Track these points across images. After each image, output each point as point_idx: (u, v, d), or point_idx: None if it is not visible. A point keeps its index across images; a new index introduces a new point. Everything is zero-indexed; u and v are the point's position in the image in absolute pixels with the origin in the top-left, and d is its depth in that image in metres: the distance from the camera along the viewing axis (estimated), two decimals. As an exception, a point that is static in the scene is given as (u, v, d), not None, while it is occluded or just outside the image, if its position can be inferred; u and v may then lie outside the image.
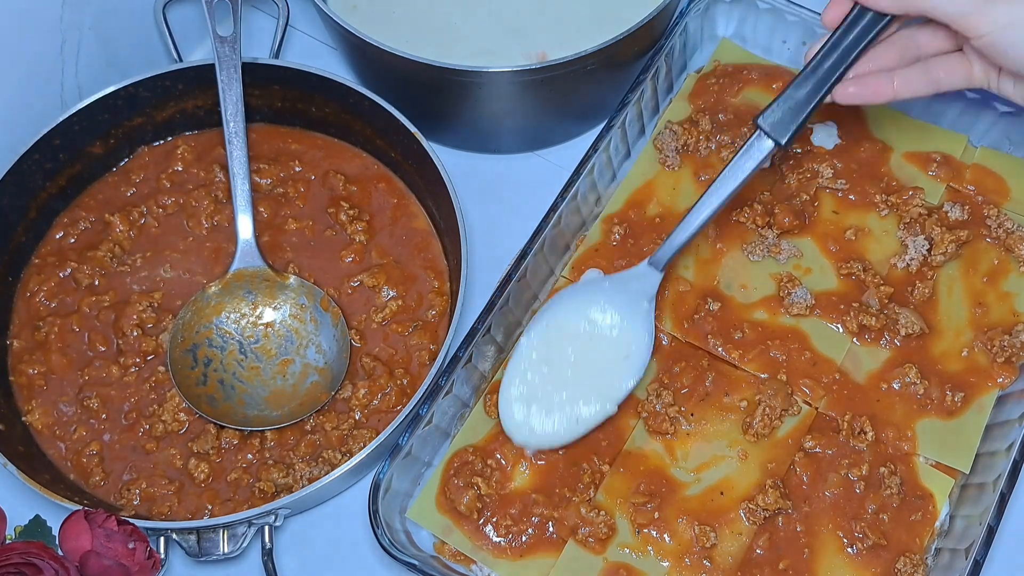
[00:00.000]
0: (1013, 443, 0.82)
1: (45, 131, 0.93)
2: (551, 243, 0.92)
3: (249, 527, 0.82)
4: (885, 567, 0.81)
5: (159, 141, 1.02)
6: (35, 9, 0.92)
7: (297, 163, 1.01)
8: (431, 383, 0.84)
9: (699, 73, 1.02)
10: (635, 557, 0.82)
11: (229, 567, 0.87)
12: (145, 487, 0.87)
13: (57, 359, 0.92)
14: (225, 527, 0.81)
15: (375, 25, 0.98)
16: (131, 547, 0.74)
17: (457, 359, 0.85)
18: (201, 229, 0.98)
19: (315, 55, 1.10)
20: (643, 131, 1.00)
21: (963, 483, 0.84)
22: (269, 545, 0.82)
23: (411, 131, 0.94)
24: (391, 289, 0.95)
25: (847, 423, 0.85)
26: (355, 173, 1.01)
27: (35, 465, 0.86)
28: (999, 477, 0.81)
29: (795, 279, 0.91)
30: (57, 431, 0.89)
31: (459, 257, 0.89)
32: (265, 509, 0.81)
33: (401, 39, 0.96)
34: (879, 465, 0.84)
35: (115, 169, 1.01)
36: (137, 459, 0.89)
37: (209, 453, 0.88)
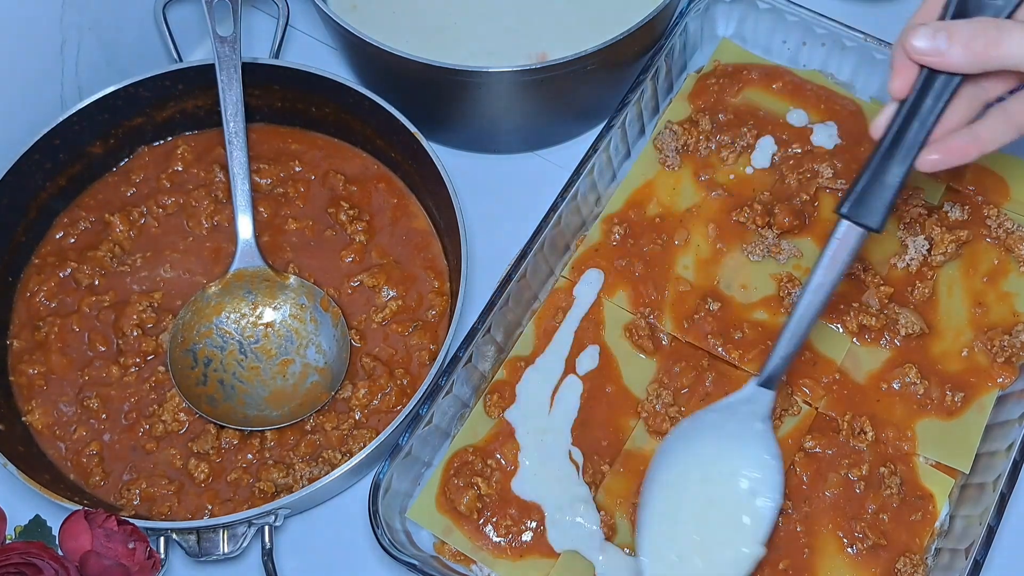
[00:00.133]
0: (1013, 443, 0.82)
1: (45, 131, 0.93)
2: (551, 243, 0.92)
3: (249, 527, 0.82)
4: (885, 567, 0.81)
5: (159, 141, 1.02)
6: (35, 9, 0.92)
7: (297, 163, 1.01)
8: (431, 383, 0.84)
9: (699, 73, 1.02)
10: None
11: (229, 567, 0.87)
12: (145, 487, 0.87)
13: (57, 359, 0.92)
14: (225, 527, 0.81)
15: (375, 25, 0.98)
16: (131, 547, 0.74)
17: (457, 359, 0.85)
18: (201, 229, 0.98)
19: (315, 55, 1.10)
20: (643, 131, 1.00)
21: (963, 483, 0.84)
22: (269, 545, 0.82)
23: (411, 131, 0.94)
24: (391, 289, 0.95)
25: (847, 423, 0.85)
26: (355, 173, 1.01)
27: (35, 465, 0.86)
28: (999, 477, 0.81)
29: (795, 279, 0.91)
30: (57, 431, 0.89)
31: (459, 257, 0.89)
32: (265, 509, 0.81)
33: (401, 39, 0.96)
34: (879, 465, 0.84)
35: (115, 169, 1.01)
36: (137, 459, 0.89)
37: (209, 453, 0.88)
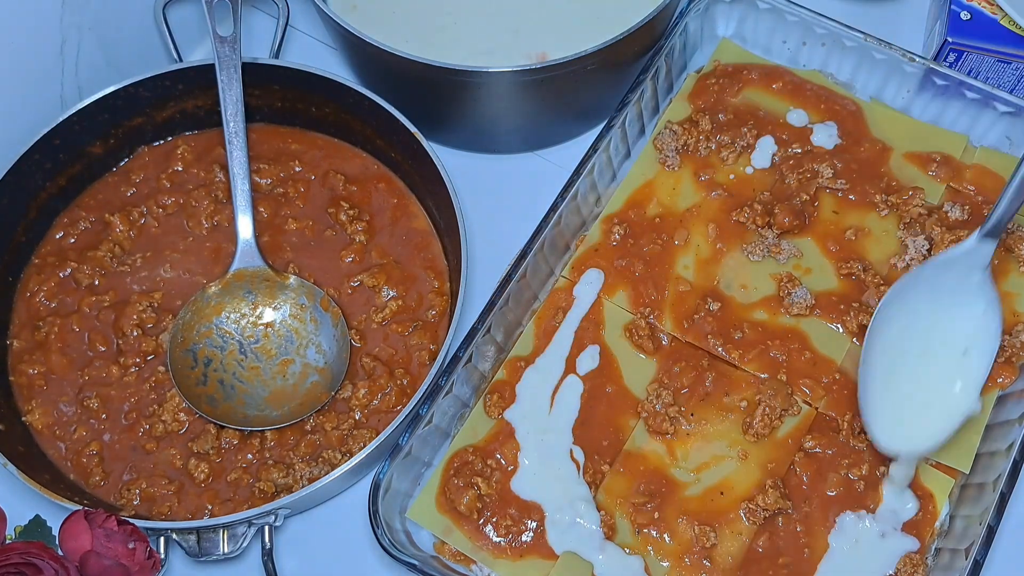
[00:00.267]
0: (1013, 443, 0.82)
1: (45, 131, 0.93)
2: (551, 243, 0.92)
3: (249, 527, 0.82)
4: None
5: (159, 141, 1.02)
6: (35, 9, 0.92)
7: (297, 163, 1.01)
8: (431, 383, 0.84)
9: (699, 73, 1.02)
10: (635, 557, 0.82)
11: (229, 567, 0.87)
12: (145, 487, 0.87)
13: (57, 359, 0.92)
14: (225, 527, 0.81)
15: (375, 25, 0.98)
16: (131, 547, 0.74)
17: (457, 359, 0.85)
18: (201, 229, 0.98)
19: (315, 55, 1.10)
20: (643, 131, 1.00)
21: (963, 483, 0.85)
22: (269, 545, 0.82)
23: (411, 131, 0.94)
24: (391, 289, 0.95)
25: (847, 423, 0.85)
26: (355, 173, 1.01)
27: (35, 465, 0.86)
28: (999, 477, 0.81)
29: (795, 279, 0.91)
30: (57, 431, 0.89)
31: (459, 257, 0.89)
32: (265, 509, 0.81)
33: (401, 39, 0.96)
34: (879, 465, 0.84)
35: (115, 169, 1.01)
36: (137, 459, 0.89)
37: (209, 453, 0.88)
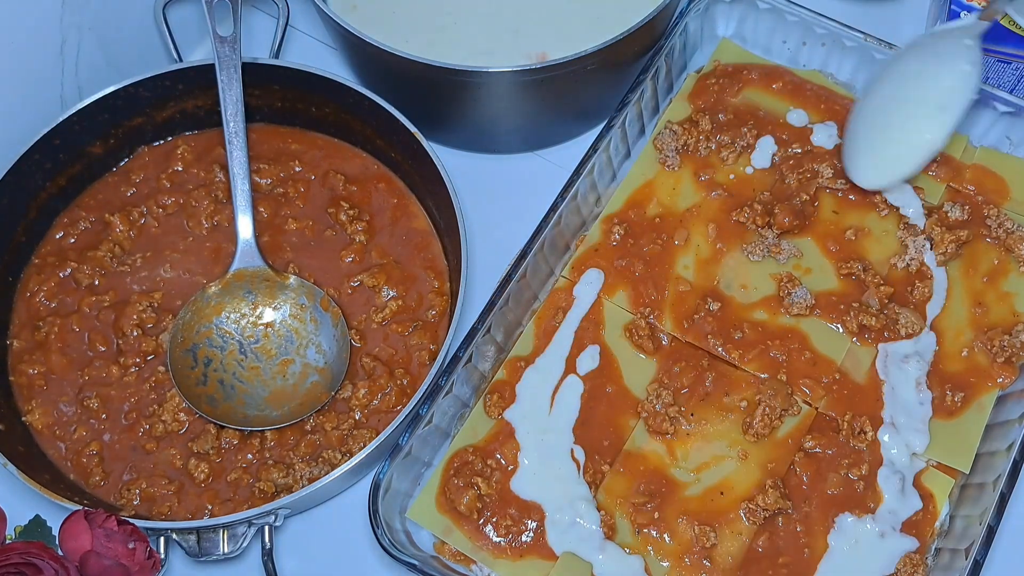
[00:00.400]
0: (1013, 443, 0.82)
1: (45, 131, 0.93)
2: (551, 243, 0.92)
3: (249, 527, 0.82)
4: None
5: (159, 141, 1.02)
6: (35, 9, 0.92)
7: (297, 163, 1.01)
8: (431, 383, 0.84)
9: (699, 73, 1.02)
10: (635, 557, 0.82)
11: (229, 567, 0.87)
12: (145, 487, 0.87)
13: (57, 359, 0.92)
14: (225, 527, 0.81)
15: (375, 25, 0.98)
16: (131, 547, 0.74)
17: (457, 359, 0.85)
18: (201, 229, 0.98)
19: (315, 55, 1.10)
20: (643, 131, 1.00)
21: (963, 483, 0.85)
22: (269, 545, 0.82)
23: (411, 131, 0.94)
24: (391, 289, 0.95)
25: (847, 423, 0.85)
26: (355, 173, 1.01)
27: (35, 465, 0.86)
28: (999, 477, 0.81)
29: (795, 279, 0.91)
30: (57, 431, 0.89)
31: (459, 257, 0.89)
32: (265, 509, 0.81)
33: (401, 39, 0.96)
34: (879, 465, 0.84)
35: (115, 169, 1.01)
36: (137, 459, 0.89)
37: (209, 453, 0.88)
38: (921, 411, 0.86)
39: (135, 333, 0.92)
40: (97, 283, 0.95)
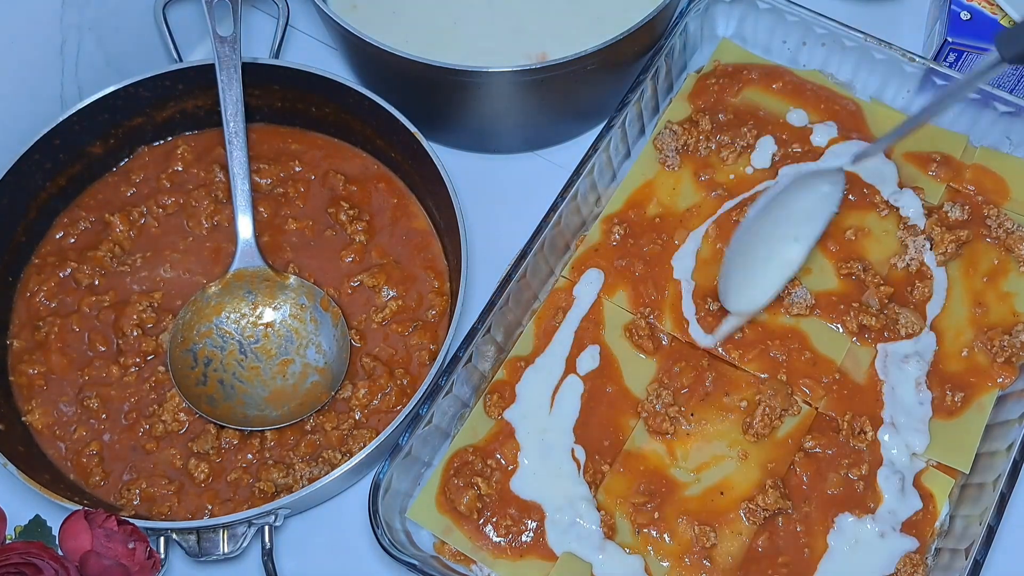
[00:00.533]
0: (1013, 443, 0.82)
1: (45, 131, 0.93)
2: (551, 243, 0.92)
3: (249, 527, 0.82)
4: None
5: (159, 141, 1.02)
6: (35, 9, 0.92)
7: (297, 163, 1.01)
8: (431, 383, 0.84)
9: (699, 73, 1.02)
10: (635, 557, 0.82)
11: (229, 567, 0.87)
12: (145, 487, 0.87)
13: (57, 359, 0.92)
14: (225, 527, 0.81)
15: (375, 25, 0.98)
16: (131, 547, 0.74)
17: (457, 359, 0.85)
18: (201, 229, 0.98)
19: (315, 55, 1.10)
20: (643, 131, 1.00)
21: (963, 483, 0.85)
22: (269, 545, 0.82)
23: (411, 131, 0.94)
24: (391, 289, 0.95)
25: (847, 423, 0.85)
26: (355, 173, 1.01)
27: (35, 465, 0.86)
28: (999, 477, 0.81)
29: (795, 279, 0.91)
30: (57, 431, 0.89)
31: (459, 257, 0.89)
32: (265, 509, 0.81)
33: (401, 39, 0.96)
34: (879, 465, 0.84)
35: (115, 169, 1.01)
36: (137, 459, 0.89)
37: (209, 453, 0.88)
38: (921, 411, 0.86)
39: (135, 333, 0.92)
40: (97, 283, 0.95)
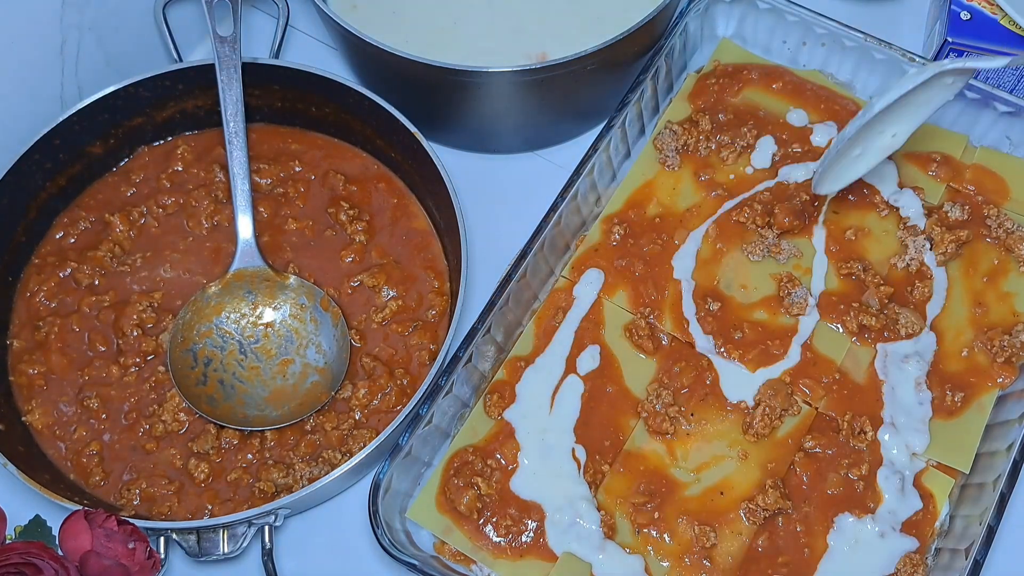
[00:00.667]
0: (1013, 443, 0.82)
1: (45, 131, 0.93)
2: (551, 243, 0.92)
3: (249, 527, 0.82)
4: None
5: (159, 141, 1.02)
6: (35, 9, 0.92)
7: (297, 163, 1.01)
8: (431, 383, 0.84)
9: (699, 73, 1.02)
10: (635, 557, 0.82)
11: (229, 567, 0.87)
12: (145, 487, 0.87)
13: (57, 359, 0.92)
14: (225, 527, 0.81)
15: (375, 25, 0.98)
16: (131, 547, 0.74)
17: (457, 359, 0.85)
18: (201, 229, 0.98)
19: (315, 55, 1.10)
20: (643, 131, 1.00)
21: (963, 483, 0.85)
22: (269, 545, 0.82)
23: (411, 131, 0.94)
24: (391, 289, 0.95)
25: (847, 423, 0.85)
26: (355, 173, 1.01)
27: (35, 465, 0.86)
28: (999, 477, 0.81)
29: (795, 279, 0.91)
30: (57, 431, 0.89)
31: (459, 257, 0.89)
32: (265, 509, 0.81)
33: (401, 39, 0.96)
34: (879, 465, 0.84)
35: (115, 169, 1.01)
36: (137, 459, 0.89)
37: (209, 453, 0.88)
38: (921, 411, 0.86)
39: (135, 333, 0.92)
40: (97, 283, 0.95)
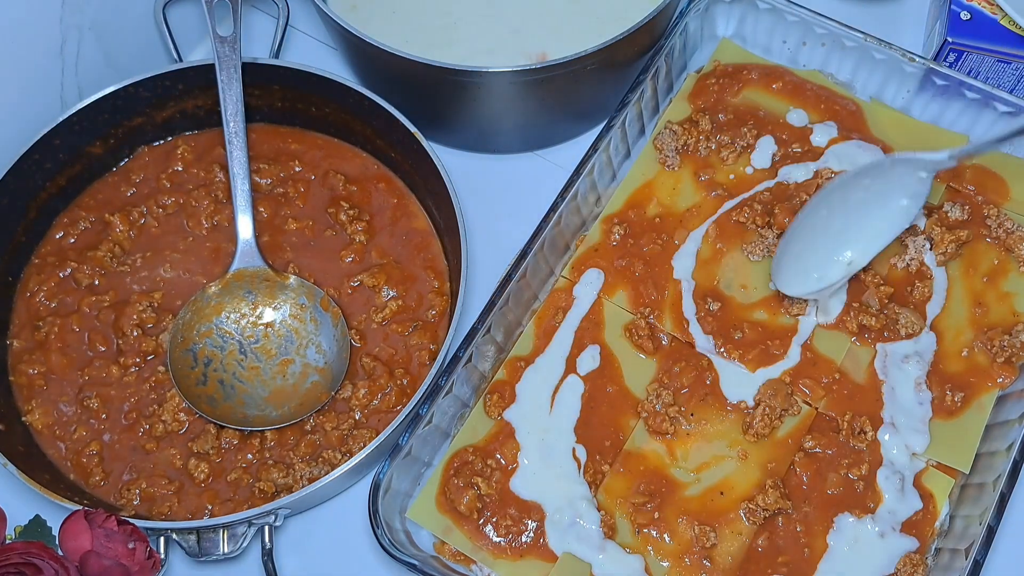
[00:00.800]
0: (1013, 443, 0.82)
1: (45, 131, 0.93)
2: (551, 243, 0.92)
3: (249, 527, 0.82)
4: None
5: (159, 141, 1.02)
6: (35, 9, 0.92)
7: (297, 163, 1.01)
8: (431, 383, 0.84)
9: (699, 73, 1.02)
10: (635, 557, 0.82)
11: (229, 567, 0.87)
12: (145, 487, 0.87)
13: (57, 359, 0.92)
14: (225, 527, 0.81)
15: (375, 25, 0.98)
16: (131, 547, 0.74)
17: (457, 359, 0.85)
18: (201, 229, 0.98)
19: (315, 55, 1.10)
20: (643, 131, 1.00)
21: (963, 483, 0.85)
22: (269, 545, 0.82)
23: (411, 131, 0.94)
24: (391, 289, 0.95)
25: (847, 423, 0.85)
26: (355, 173, 1.01)
27: (35, 465, 0.86)
28: (999, 477, 0.81)
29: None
30: (57, 431, 0.89)
31: (459, 257, 0.89)
32: (265, 509, 0.81)
33: (401, 39, 0.96)
34: (879, 465, 0.84)
35: (115, 169, 1.01)
36: (137, 459, 0.89)
37: (209, 453, 0.88)
38: (921, 411, 0.86)
39: (135, 333, 0.92)
40: (97, 283, 0.95)
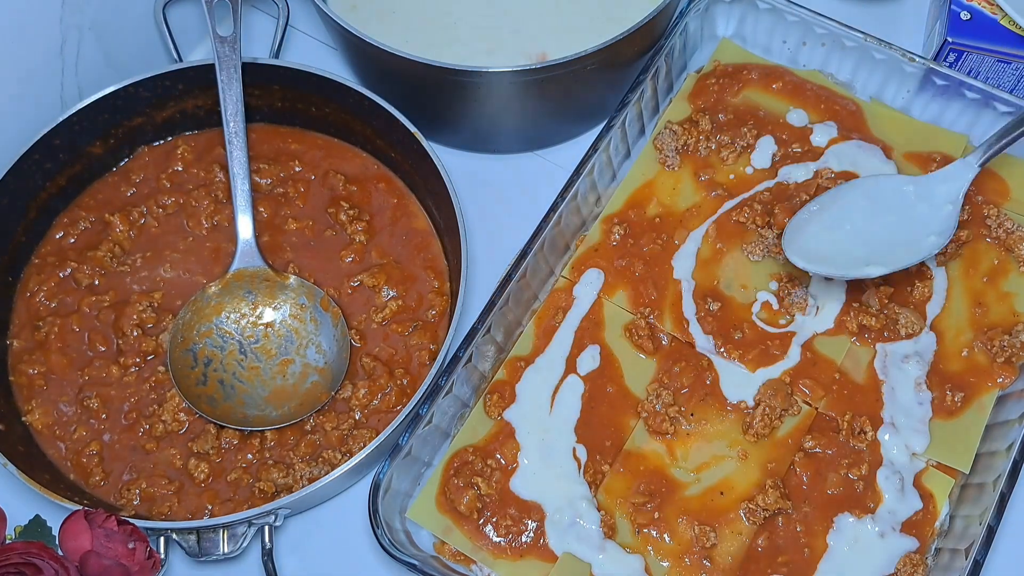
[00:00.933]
0: (1013, 443, 0.82)
1: (45, 131, 0.93)
2: (551, 243, 0.92)
3: (249, 527, 0.82)
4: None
5: (159, 141, 1.02)
6: (35, 9, 0.92)
7: (297, 163, 1.01)
8: (431, 383, 0.84)
9: (699, 73, 1.02)
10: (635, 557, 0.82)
11: (229, 567, 0.87)
12: (145, 487, 0.87)
13: (57, 359, 0.92)
14: (225, 527, 0.82)
15: (375, 25, 0.98)
16: (131, 547, 0.74)
17: (457, 359, 0.85)
18: (201, 229, 0.98)
19: (315, 55, 1.10)
20: (643, 131, 1.00)
21: (963, 483, 0.85)
22: (269, 545, 0.82)
23: (411, 131, 0.94)
24: (391, 289, 0.95)
25: (847, 423, 0.85)
26: (355, 173, 1.01)
27: (35, 465, 0.86)
28: (999, 477, 0.81)
29: (795, 279, 0.91)
30: (57, 431, 0.89)
31: (459, 257, 0.89)
32: (265, 509, 0.81)
33: (401, 39, 0.96)
34: (879, 465, 0.84)
35: (115, 169, 1.01)
36: (137, 459, 0.89)
37: (209, 453, 0.88)
38: (921, 411, 0.86)
39: (135, 333, 0.92)
40: (97, 283, 0.95)
